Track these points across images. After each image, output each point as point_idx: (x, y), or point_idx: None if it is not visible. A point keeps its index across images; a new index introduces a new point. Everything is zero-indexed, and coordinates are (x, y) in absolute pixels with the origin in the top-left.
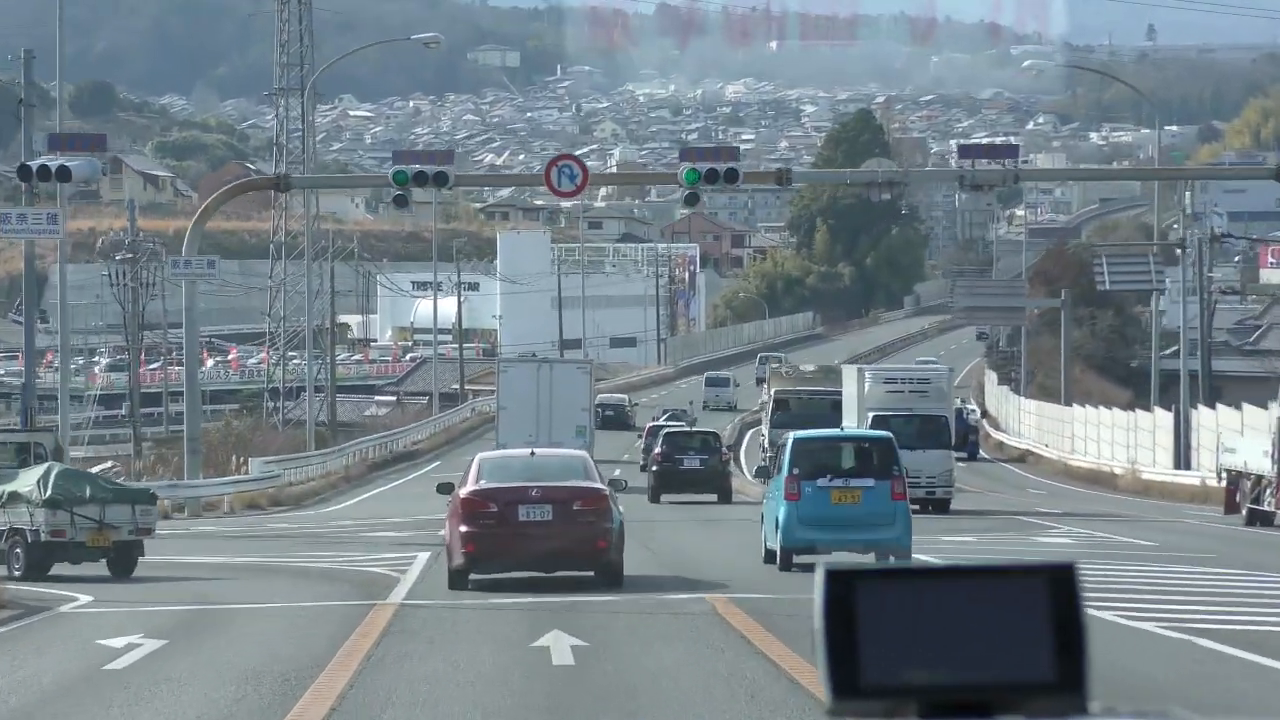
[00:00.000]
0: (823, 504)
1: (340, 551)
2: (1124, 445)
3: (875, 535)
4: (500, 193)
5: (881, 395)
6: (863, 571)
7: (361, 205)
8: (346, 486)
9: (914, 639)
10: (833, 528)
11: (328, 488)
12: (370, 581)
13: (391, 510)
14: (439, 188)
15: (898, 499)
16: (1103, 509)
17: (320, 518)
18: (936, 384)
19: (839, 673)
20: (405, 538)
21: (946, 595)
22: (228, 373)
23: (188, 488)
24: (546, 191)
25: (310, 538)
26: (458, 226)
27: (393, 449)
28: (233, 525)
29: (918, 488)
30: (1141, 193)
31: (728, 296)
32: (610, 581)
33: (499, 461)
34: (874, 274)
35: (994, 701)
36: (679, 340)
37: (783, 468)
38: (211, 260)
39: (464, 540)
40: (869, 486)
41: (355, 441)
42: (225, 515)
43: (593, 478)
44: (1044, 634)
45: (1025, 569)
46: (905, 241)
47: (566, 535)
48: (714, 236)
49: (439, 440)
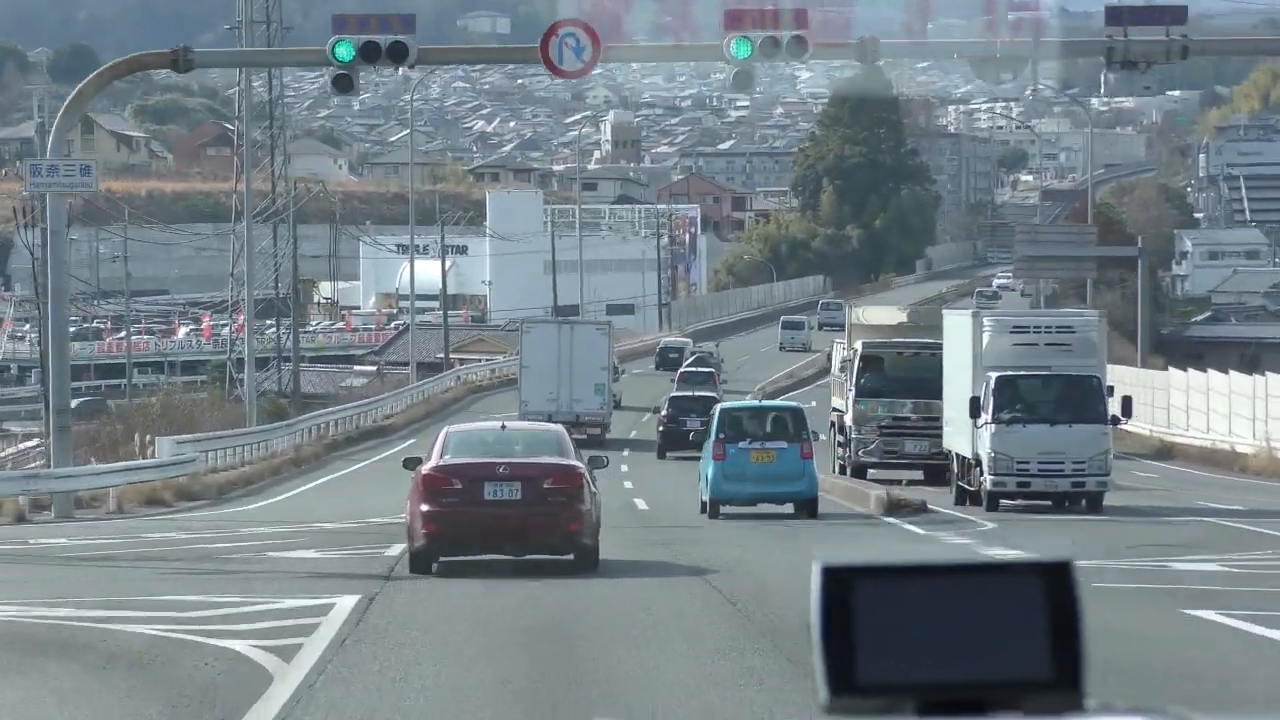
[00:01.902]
0: (744, 463)
1: (215, 592)
2: (1246, 417)
3: (787, 488)
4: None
5: (1007, 349)
6: (860, 569)
7: (345, 167)
8: (293, 472)
9: (911, 636)
10: (752, 481)
11: (266, 474)
12: (211, 689)
13: (333, 507)
14: (396, 65)
15: (806, 458)
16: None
17: (232, 520)
18: (1084, 334)
19: (836, 670)
20: (329, 562)
21: (944, 592)
22: (200, 341)
23: (53, 478)
24: (540, 158)
25: (191, 560)
26: (445, 188)
27: (359, 424)
28: (100, 533)
29: (1059, 476)
30: (1147, 157)
31: (729, 261)
32: (584, 567)
33: (467, 436)
34: (883, 236)
35: (991, 699)
36: (684, 304)
37: (711, 433)
38: (86, 166)
39: (425, 520)
40: (782, 448)
41: (310, 416)
42: (111, 515)
43: (567, 454)
44: (1041, 631)
45: (1022, 566)
46: (916, 202)
47: (536, 516)
48: (714, 199)
49: (417, 413)
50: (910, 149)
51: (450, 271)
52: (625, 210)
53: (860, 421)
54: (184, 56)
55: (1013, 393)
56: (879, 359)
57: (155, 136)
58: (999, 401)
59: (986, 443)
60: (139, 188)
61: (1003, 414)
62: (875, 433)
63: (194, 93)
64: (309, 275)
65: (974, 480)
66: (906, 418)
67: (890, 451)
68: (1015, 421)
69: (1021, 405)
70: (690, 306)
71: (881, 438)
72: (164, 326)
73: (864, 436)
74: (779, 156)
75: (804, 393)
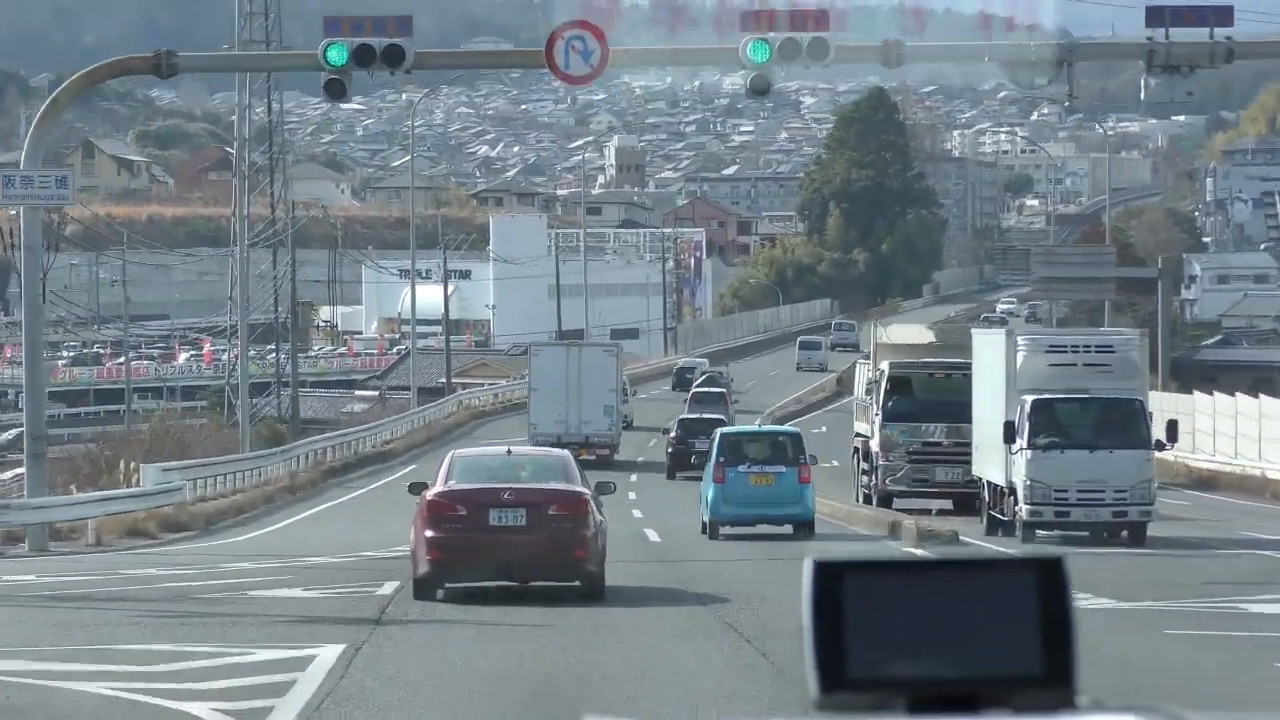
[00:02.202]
0: (743, 486)
1: (186, 640)
2: (1277, 440)
3: (785, 510)
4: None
5: (1042, 370)
6: (851, 564)
7: (348, 191)
8: (287, 501)
9: (902, 631)
10: (752, 504)
11: (258, 502)
12: None
13: (326, 539)
14: (392, 69)
15: (803, 482)
16: None
17: (217, 554)
18: (1124, 354)
19: (826, 665)
20: (316, 603)
21: (935, 588)
22: (200, 366)
23: (27, 509)
24: (544, 183)
25: (165, 601)
26: (448, 213)
27: (358, 450)
28: (74, 568)
29: (1100, 505)
30: (1153, 182)
31: (735, 285)
32: (590, 594)
33: (473, 461)
34: (890, 260)
35: (982, 695)
36: (691, 327)
37: (712, 457)
38: (63, 178)
39: (429, 546)
40: (780, 472)
41: (306, 441)
42: (90, 548)
43: (573, 480)
44: (1032, 627)
45: (1014, 561)
46: (923, 226)
47: (540, 542)
48: (719, 223)
49: (418, 438)
50: (917, 172)
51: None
52: (630, 234)
53: (888, 447)
54: (167, 61)
55: (1049, 417)
56: (907, 380)
57: (157, 161)
58: (1035, 426)
59: (1022, 470)
60: (140, 212)
61: (1039, 439)
62: (904, 459)
63: (196, 118)
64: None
65: (1008, 509)
66: (938, 443)
67: (920, 479)
68: (1052, 447)
69: (1059, 430)
70: (697, 330)
71: (910, 464)
72: (165, 351)
73: (891, 463)
74: (784, 181)
75: (814, 418)
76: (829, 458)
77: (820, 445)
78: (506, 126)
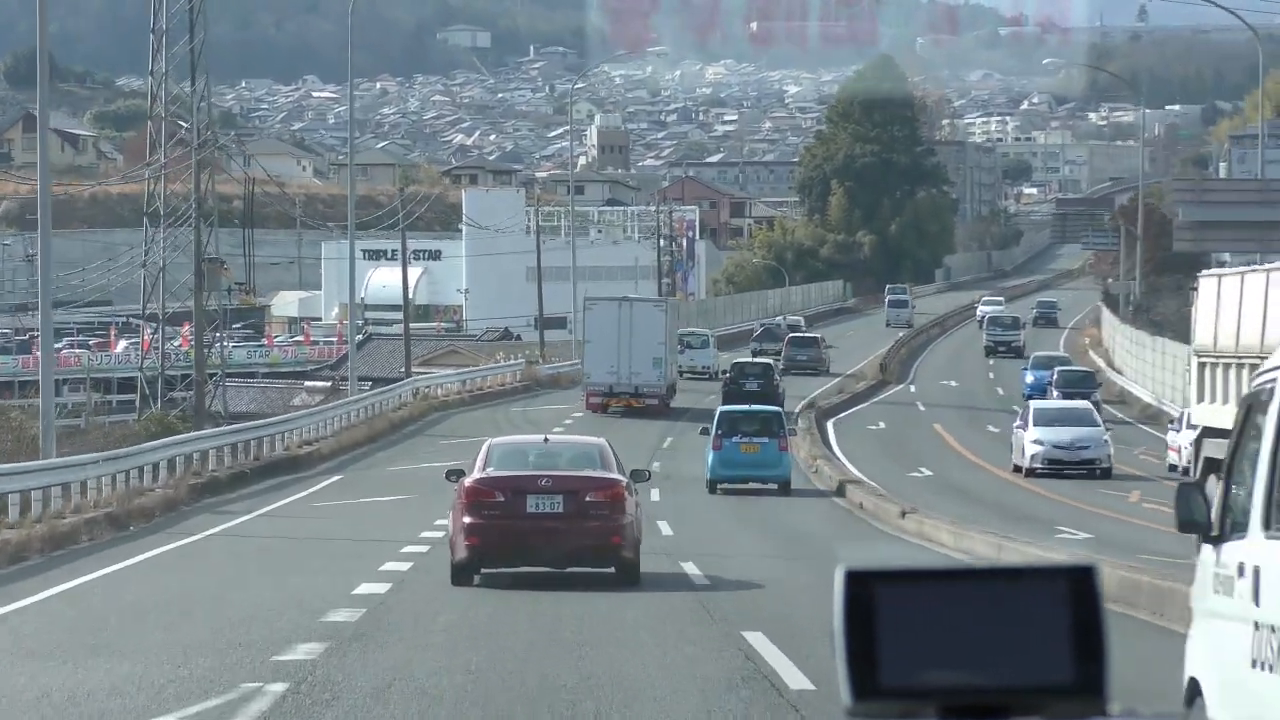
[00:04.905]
0: (736, 453)
1: None
2: None
3: (768, 472)
4: None
5: None
6: (882, 573)
7: (310, 169)
8: (104, 537)
9: (933, 640)
10: (741, 466)
11: (41, 543)
12: None
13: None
14: None
15: (783, 450)
16: None
17: None
18: None
19: (858, 673)
20: None
21: (966, 597)
22: (139, 356)
23: None
24: (522, 169)
25: None
26: (418, 190)
27: (260, 453)
28: None
29: None
30: (1153, 169)
31: (729, 269)
32: (626, 580)
33: (510, 448)
34: (899, 242)
35: (1013, 704)
36: (693, 307)
37: (712, 429)
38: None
39: (467, 532)
40: (765, 442)
41: (171, 441)
42: None
43: (610, 467)
44: (1064, 636)
45: (1045, 570)
46: (934, 206)
47: (577, 529)
48: (711, 204)
49: (354, 437)
50: (926, 148)
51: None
52: (615, 213)
53: None
54: None
55: None
56: None
57: (114, 144)
58: None
59: None
60: (83, 190)
61: None
62: None
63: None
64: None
65: None
66: None
67: None
68: None
69: None
70: (701, 309)
71: None
72: (102, 340)
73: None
74: (774, 166)
75: (860, 411)
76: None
77: None
78: (483, 115)
